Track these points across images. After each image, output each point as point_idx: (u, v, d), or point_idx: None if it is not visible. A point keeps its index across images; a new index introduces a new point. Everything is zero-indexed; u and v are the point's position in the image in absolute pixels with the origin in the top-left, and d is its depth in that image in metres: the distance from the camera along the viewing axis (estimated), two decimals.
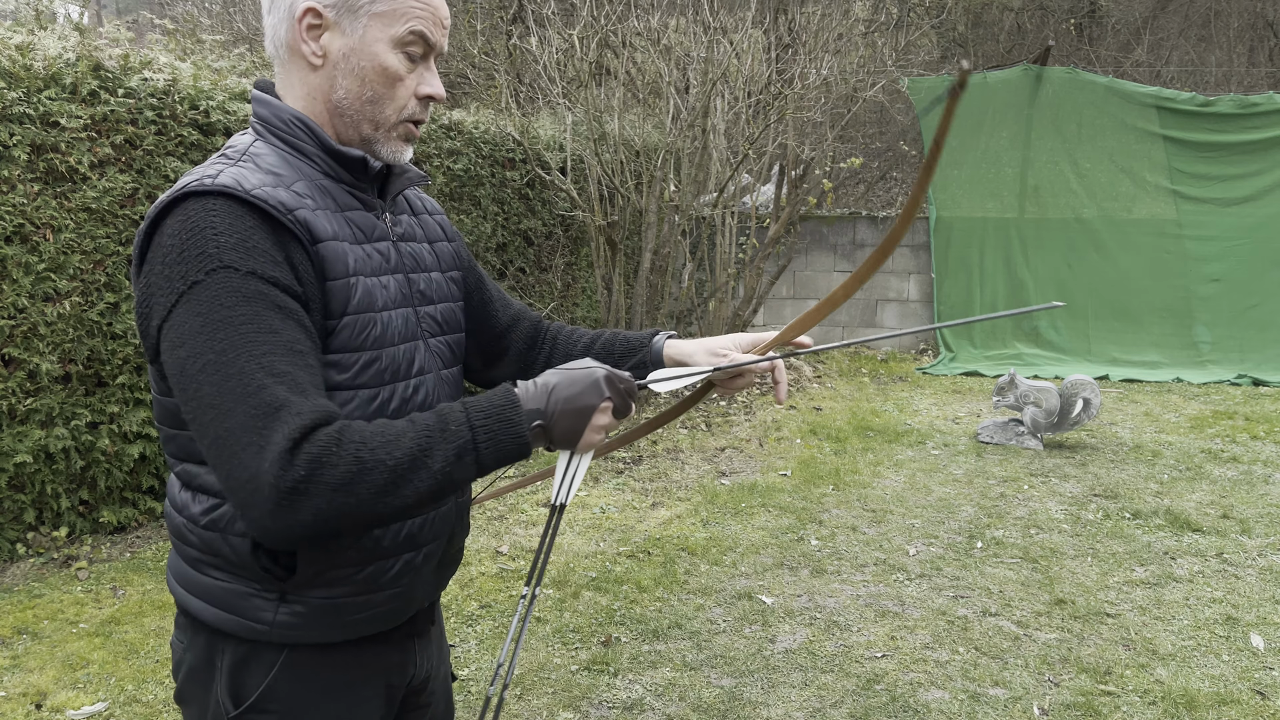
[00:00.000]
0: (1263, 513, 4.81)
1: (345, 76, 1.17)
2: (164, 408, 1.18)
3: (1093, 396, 5.92)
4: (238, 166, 1.13)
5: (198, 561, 1.20)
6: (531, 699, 3.03)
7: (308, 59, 1.17)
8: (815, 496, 5.11)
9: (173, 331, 1.05)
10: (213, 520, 1.16)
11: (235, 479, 1.01)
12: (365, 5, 1.15)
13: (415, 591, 1.29)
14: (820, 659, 3.29)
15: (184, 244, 1.05)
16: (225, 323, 1.03)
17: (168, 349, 1.06)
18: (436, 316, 1.33)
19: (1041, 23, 13.98)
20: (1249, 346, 8.93)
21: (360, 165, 1.21)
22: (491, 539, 4.47)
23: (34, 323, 3.92)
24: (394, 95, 1.20)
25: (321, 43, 1.17)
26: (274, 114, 1.19)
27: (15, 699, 2.99)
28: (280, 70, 1.22)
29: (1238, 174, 9.09)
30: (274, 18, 1.19)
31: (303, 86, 1.20)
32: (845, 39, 8.44)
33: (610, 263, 7.07)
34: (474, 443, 1.08)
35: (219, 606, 1.19)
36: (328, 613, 1.20)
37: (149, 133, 4.25)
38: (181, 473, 1.20)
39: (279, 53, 1.20)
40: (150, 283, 1.08)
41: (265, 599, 1.18)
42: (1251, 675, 3.16)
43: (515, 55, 8.57)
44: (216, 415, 1.01)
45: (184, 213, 1.07)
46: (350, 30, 1.16)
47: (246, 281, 1.05)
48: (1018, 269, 9.71)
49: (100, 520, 4.29)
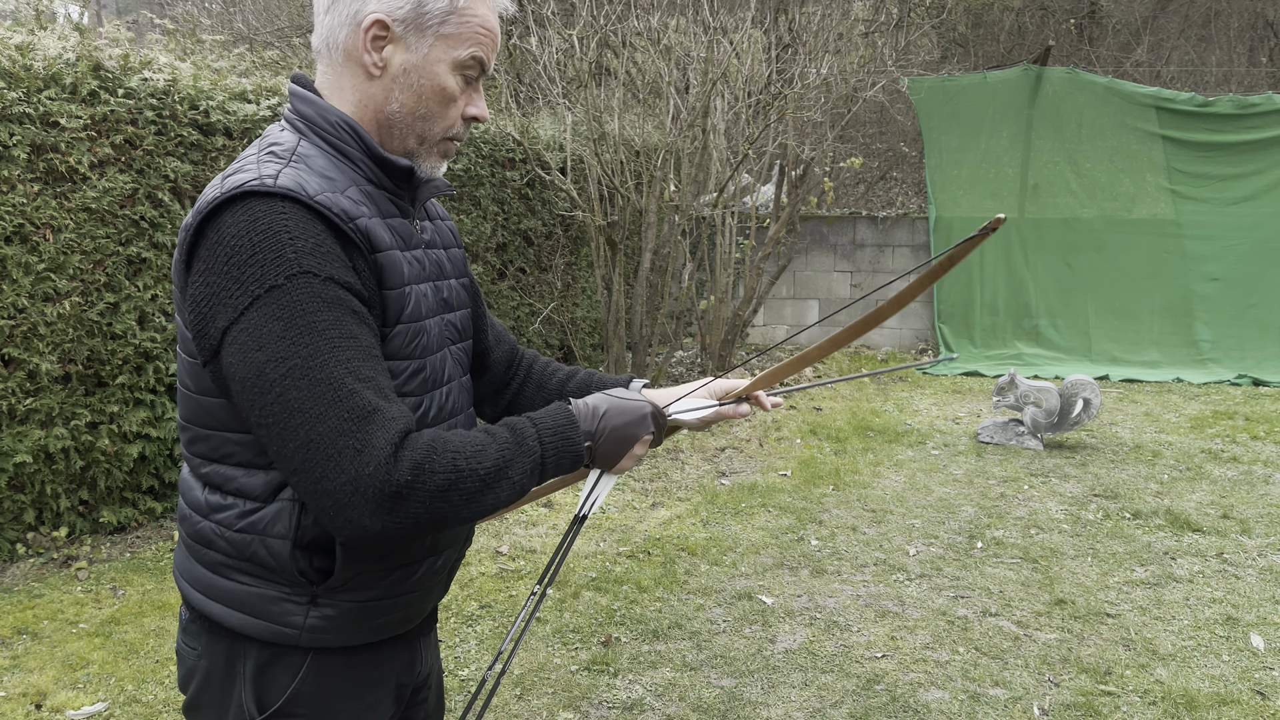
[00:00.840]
0: (1263, 513, 4.81)
1: (402, 91, 1.18)
2: (200, 407, 1.16)
3: (1093, 396, 5.92)
4: (292, 168, 1.11)
5: (222, 566, 1.19)
6: (531, 699, 3.03)
7: (366, 68, 1.17)
8: (815, 496, 5.11)
9: (246, 335, 1.04)
10: (251, 523, 1.15)
11: (331, 482, 1.02)
12: (434, 25, 1.16)
13: (433, 594, 1.32)
14: (820, 659, 3.29)
15: (255, 245, 1.04)
16: (310, 328, 1.03)
17: (238, 351, 1.05)
18: (457, 323, 1.34)
19: (1042, 23, 13.98)
20: (1249, 346, 8.93)
21: (405, 174, 1.22)
22: (491, 539, 4.47)
23: (34, 323, 3.92)
24: (445, 114, 1.21)
25: (384, 54, 1.16)
26: (319, 114, 1.18)
27: (15, 699, 2.99)
28: (327, 69, 1.20)
29: (1237, 174, 9.09)
30: (333, 18, 1.17)
31: (354, 92, 1.19)
32: (845, 39, 8.44)
33: (610, 263, 7.07)
34: (542, 458, 1.17)
35: (245, 611, 1.18)
36: (356, 615, 1.20)
37: (149, 133, 4.25)
38: (212, 474, 1.18)
39: (331, 54, 1.19)
40: (212, 282, 1.06)
41: (296, 603, 1.17)
42: (1251, 675, 3.16)
43: (515, 55, 8.57)
44: (306, 420, 1.02)
45: (249, 212, 1.06)
46: (415, 47, 1.16)
47: (326, 287, 1.05)
48: (1018, 268, 9.71)
49: (100, 520, 4.29)
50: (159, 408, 4.40)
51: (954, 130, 9.78)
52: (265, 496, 1.14)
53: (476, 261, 6.56)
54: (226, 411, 1.13)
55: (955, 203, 9.84)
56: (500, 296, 6.90)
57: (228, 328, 1.05)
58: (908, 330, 10.25)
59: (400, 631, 1.30)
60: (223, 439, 1.15)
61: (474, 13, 1.18)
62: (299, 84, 1.22)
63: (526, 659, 3.28)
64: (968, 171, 9.79)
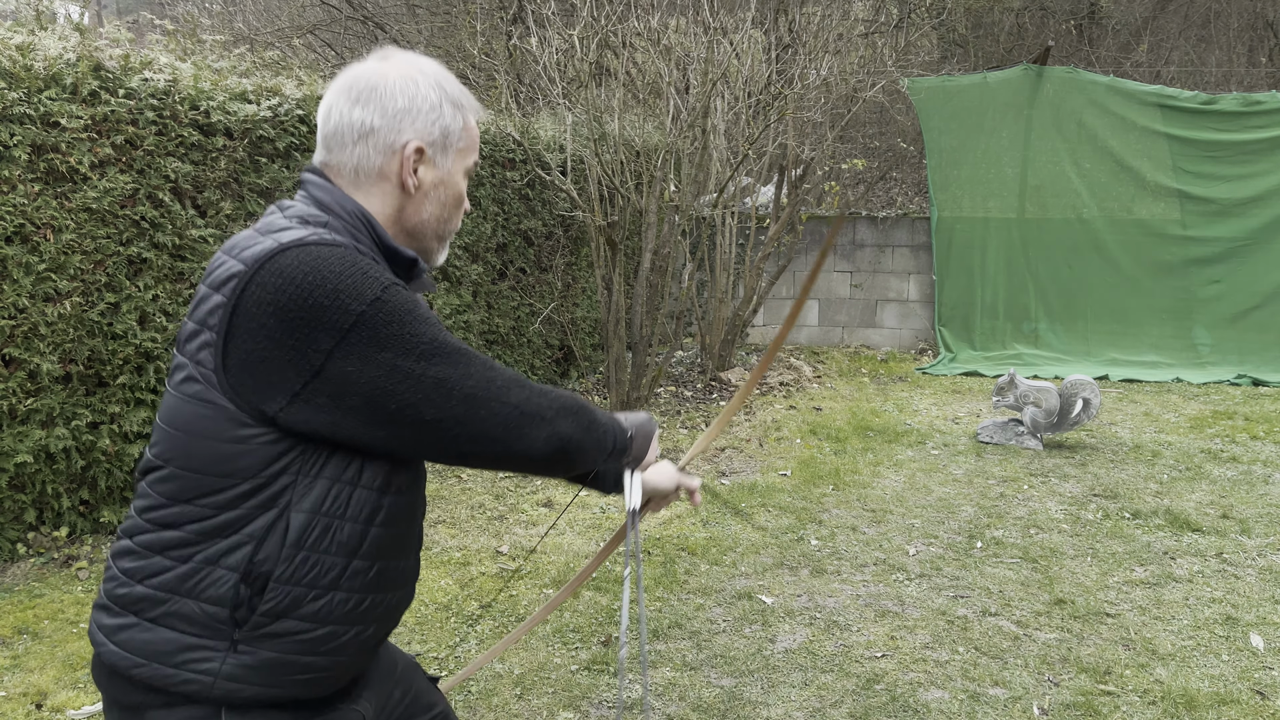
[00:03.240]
0: (1262, 513, 4.81)
1: (433, 203, 1.37)
2: (184, 446, 1.23)
3: (1092, 396, 5.92)
4: (329, 231, 1.25)
5: (147, 604, 1.23)
6: (531, 699, 3.03)
7: (406, 188, 1.33)
8: (815, 496, 5.12)
9: (360, 344, 1.17)
10: (206, 556, 1.21)
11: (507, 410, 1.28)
12: (454, 144, 1.36)
13: (354, 662, 1.33)
14: (820, 659, 3.29)
15: (338, 274, 1.17)
16: (423, 319, 1.21)
17: (356, 360, 1.17)
18: None
19: (1042, 23, 13.98)
20: (1248, 349, 8.92)
21: (409, 264, 1.34)
22: (491, 539, 4.47)
23: (34, 323, 3.92)
24: (457, 215, 1.42)
25: (419, 175, 1.34)
26: (336, 202, 1.30)
27: (15, 699, 3.00)
28: (347, 185, 1.33)
29: (1242, 174, 9.05)
30: (366, 147, 1.31)
31: (382, 205, 1.34)
32: (845, 39, 8.44)
33: (610, 263, 7.07)
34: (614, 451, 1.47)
35: (158, 660, 1.22)
36: (274, 667, 1.24)
37: (149, 133, 4.25)
38: (174, 514, 1.23)
39: (359, 176, 1.32)
40: (291, 317, 1.15)
41: (214, 649, 1.21)
42: (1251, 675, 3.17)
43: (515, 55, 8.57)
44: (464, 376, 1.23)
45: (313, 254, 1.18)
46: (441, 165, 1.36)
47: (410, 293, 1.24)
48: (1018, 270, 9.71)
49: (101, 520, 4.29)
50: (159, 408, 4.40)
51: (954, 130, 9.77)
52: (223, 533, 1.21)
53: (477, 261, 6.57)
54: (213, 453, 1.20)
55: (956, 203, 9.84)
56: (500, 296, 6.90)
57: (332, 350, 1.16)
58: (908, 331, 10.25)
59: (320, 694, 1.31)
60: (196, 479, 1.22)
61: (473, 126, 1.40)
62: (315, 174, 1.34)
63: (526, 659, 3.28)
64: (968, 172, 9.79)
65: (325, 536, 1.23)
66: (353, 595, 1.28)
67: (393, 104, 1.30)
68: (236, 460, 1.20)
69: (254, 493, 1.20)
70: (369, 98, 1.30)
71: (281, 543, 1.21)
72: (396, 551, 1.34)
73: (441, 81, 1.34)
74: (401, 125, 1.30)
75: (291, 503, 1.21)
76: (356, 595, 1.28)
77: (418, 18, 11.93)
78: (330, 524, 1.23)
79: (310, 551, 1.22)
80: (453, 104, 1.35)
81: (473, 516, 4.81)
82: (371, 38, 11.23)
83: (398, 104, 1.30)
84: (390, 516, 1.30)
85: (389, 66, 1.32)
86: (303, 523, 1.21)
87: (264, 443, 1.19)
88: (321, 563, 1.23)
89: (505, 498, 5.12)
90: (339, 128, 1.31)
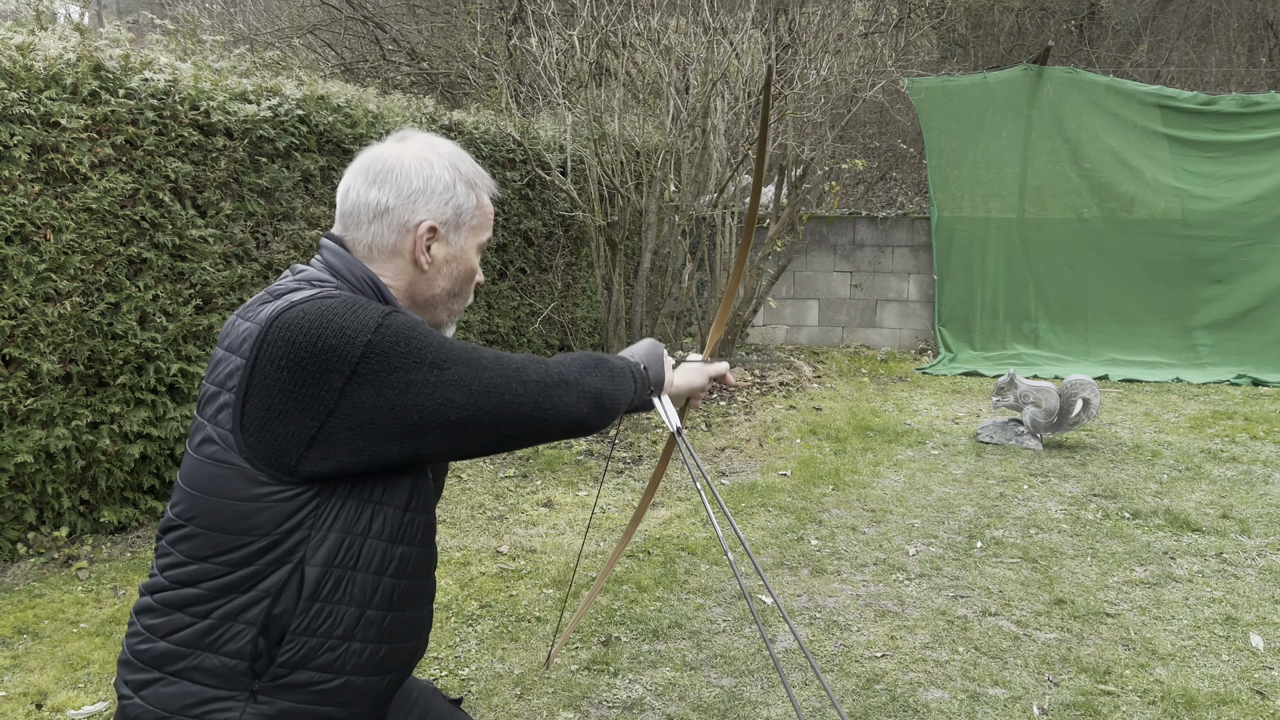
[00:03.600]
0: (1262, 513, 4.81)
1: (445, 279, 1.41)
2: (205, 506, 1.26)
3: (1092, 397, 5.92)
4: (339, 292, 1.30)
5: (168, 658, 1.26)
6: (531, 699, 3.03)
7: (419, 264, 1.38)
8: (815, 496, 5.12)
9: (375, 370, 1.20)
10: (224, 611, 1.24)
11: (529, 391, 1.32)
12: (467, 222, 1.41)
13: (372, 713, 1.36)
14: (820, 659, 3.29)
15: (339, 312, 1.22)
16: (427, 333, 1.25)
17: (370, 387, 1.20)
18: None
19: (1042, 24, 13.98)
20: (1248, 349, 8.92)
21: None
22: (491, 539, 4.47)
23: (35, 323, 3.92)
24: (469, 290, 1.47)
25: (432, 252, 1.38)
26: (348, 268, 1.35)
27: (15, 699, 3.00)
28: (364, 258, 1.38)
29: (1242, 174, 9.06)
30: (381, 226, 1.36)
31: (394, 279, 1.38)
32: (845, 39, 8.44)
33: (610, 263, 7.07)
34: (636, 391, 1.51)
35: (183, 714, 1.25)
36: (290, 717, 1.27)
37: (150, 133, 4.25)
38: (193, 572, 1.26)
39: (373, 252, 1.38)
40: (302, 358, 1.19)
41: (235, 700, 1.25)
42: (1251, 675, 3.17)
43: (515, 56, 8.57)
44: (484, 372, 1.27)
45: (318, 304, 1.24)
46: (454, 242, 1.40)
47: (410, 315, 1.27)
48: (1018, 269, 9.71)
49: (101, 520, 4.30)
50: (160, 408, 4.41)
51: (954, 130, 9.77)
52: (240, 589, 1.24)
53: None
54: (232, 511, 1.23)
55: (956, 203, 9.84)
56: (500, 296, 6.91)
57: (343, 386, 1.19)
58: (908, 331, 10.25)
59: None
60: (214, 538, 1.25)
61: (486, 204, 1.44)
62: (333, 241, 1.39)
63: (526, 659, 3.28)
64: (968, 172, 9.79)
65: (339, 588, 1.27)
66: (368, 645, 1.31)
67: (407, 185, 1.35)
68: (253, 518, 1.23)
69: (269, 549, 1.24)
70: (385, 179, 1.35)
71: (298, 596, 1.24)
72: (409, 602, 1.37)
73: (456, 162, 1.39)
74: (416, 205, 1.35)
75: (306, 557, 1.24)
76: (371, 645, 1.31)
77: (418, 18, 11.93)
78: (344, 575, 1.27)
79: (325, 603, 1.25)
80: (466, 183, 1.40)
81: (473, 516, 4.81)
82: (371, 38, 11.23)
83: (412, 185, 1.35)
84: (401, 568, 1.33)
85: (405, 148, 1.38)
86: (317, 575, 1.25)
87: (279, 500, 1.23)
88: (336, 613, 1.26)
89: (505, 498, 5.12)
90: (355, 207, 1.36)
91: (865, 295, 10.33)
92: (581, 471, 5.60)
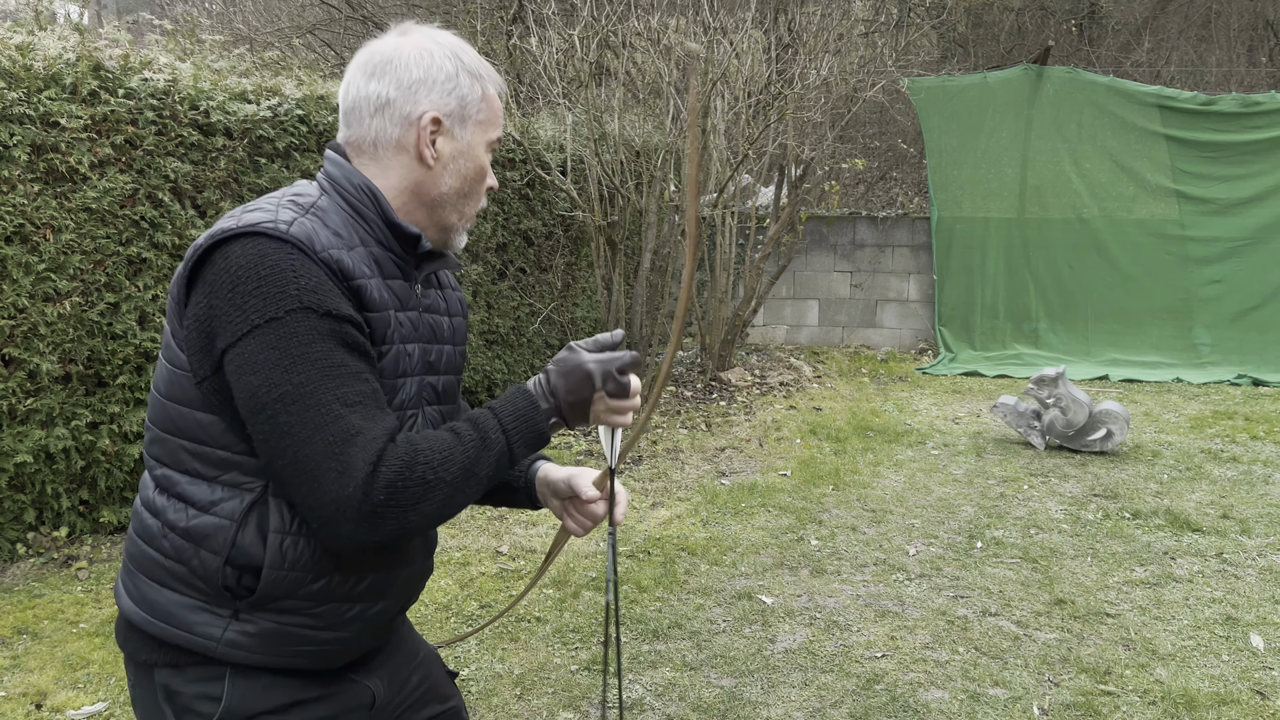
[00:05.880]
0: (1263, 513, 4.81)
1: (451, 176, 1.34)
2: (164, 412, 1.25)
3: (1118, 432, 5.84)
4: (308, 218, 1.22)
5: (156, 567, 1.25)
6: (531, 699, 3.03)
7: (424, 160, 1.31)
8: (815, 496, 5.11)
9: (242, 359, 1.14)
10: (188, 530, 1.22)
11: (318, 500, 1.13)
12: (473, 115, 1.34)
13: (361, 638, 1.33)
14: (820, 659, 3.29)
15: (260, 279, 1.15)
16: (303, 359, 1.14)
17: (234, 373, 1.15)
18: (438, 386, 1.42)
19: (1042, 23, 13.99)
20: (1249, 349, 8.92)
21: (413, 241, 1.33)
22: (491, 539, 4.47)
23: (34, 323, 3.92)
24: (479, 191, 1.39)
25: (437, 146, 1.31)
26: (345, 176, 1.30)
27: (15, 699, 3.00)
28: (367, 160, 1.32)
29: (1241, 174, 9.06)
30: (382, 119, 1.30)
31: (400, 179, 1.32)
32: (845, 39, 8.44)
33: (610, 263, 7.07)
34: (509, 445, 1.26)
35: (167, 621, 1.24)
36: (276, 637, 1.24)
37: (149, 133, 4.25)
38: (163, 477, 1.26)
39: (378, 149, 1.31)
40: (215, 305, 1.16)
41: (217, 614, 1.23)
42: (1251, 675, 3.16)
43: (515, 55, 8.57)
44: (294, 442, 1.13)
45: (258, 248, 1.16)
46: (460, 136, 1.33)
47: (322, 322, 1.16)
48: (1019, 269, 9.70)
49: (100, 520, 4.29)
50: None
51: (954, 130, 9.77)
52: (205, 508, 1.21)
53: (476, 261, 6.57)
54: (189, 420, 1.22)
55: (956, 203, 9.84)
56: (500, 296, 6.90)
57: (226, 350, 1.15)
58: (908, 331, 10.25)
59: (324, 666, 1.31)
60: (177, 445, 1.24)
61: (494, 98, 1.38)
62: (335, 151, 1.34)
63: (526, 659, 3.28)
64: (968, 172, 9.79)
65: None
66: (351, 575, 1.27)
67: (408, 75, 1.29)
68: (209, 429, 1.21)
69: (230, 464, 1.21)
70: (384, 70, 1.30)
71: (263, 528, 1.20)
72: None
73: (458, 52, 1.33)
74: (417, 96, 1.29)
75: (271, 487, 1.21)
76: (355, 575, 1.27)
77: (417, 17, 11.92)
78: None
79: (297, 536, 1.21)
80: (470, 74, 1.32)
81: (472, 516, 4.81)
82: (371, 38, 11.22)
83: (413, 75, 1.29)
84: None
85: (405, 40, 1.32)
86: (281, 506, 1.21)
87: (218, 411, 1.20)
88: (312, 545, 1.22)
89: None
90: (356, 102, 1.31)
91: (865, 295, 10.32)
92: None
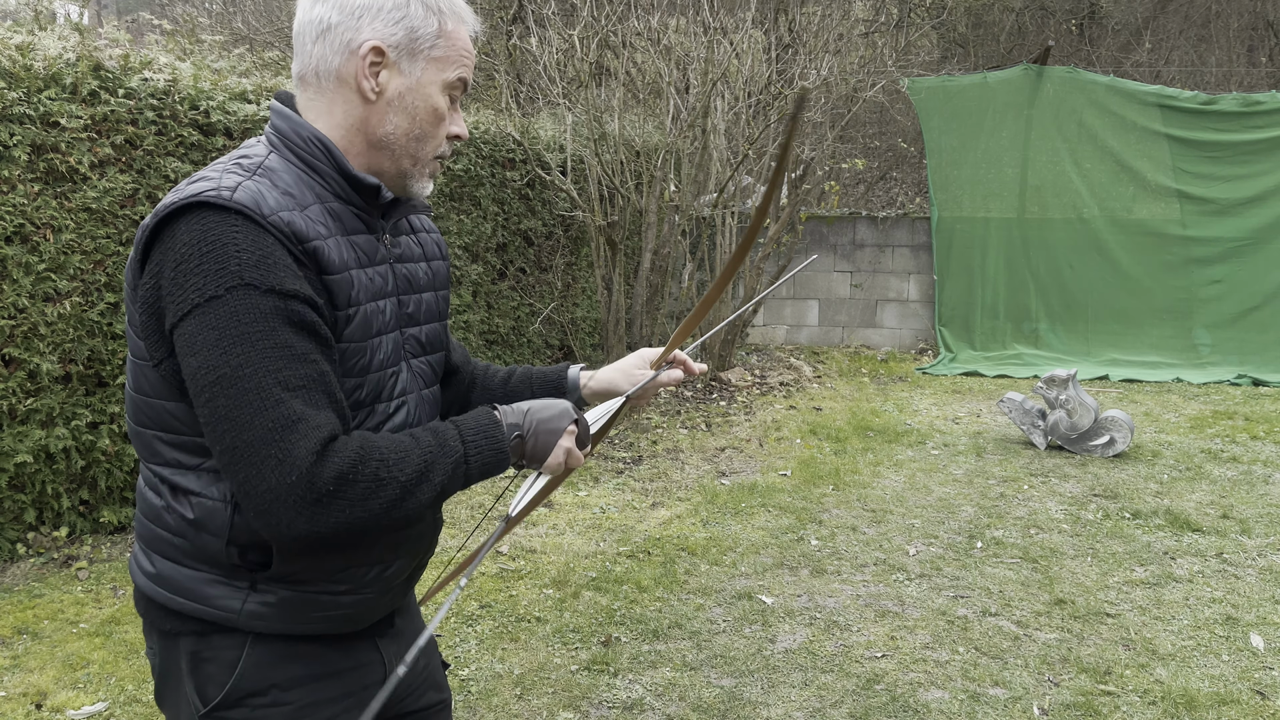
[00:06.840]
0: (1263, 513, 4.81)
1: (397, 114, 1.23)
2: (136, 405, 1.23)
3: (1121, 441, 5.84)
4: (254, 180, 1.16)
5: (167, 545, 1.23)
6: (531, 699, 3.03)
7: (364, 93, 1.22)
8: (815, 496, 5.11)
9: (184, 340, 1.10)
10: (184, 517, 1.21)
11: (256, 489, 1.08)
12: (425, 50, 1.23)
13: (381, 599, 1.33)
14: (820, 659, 3.29)
15: (202, 255, 1.09)
16: (242, 338, 1.08)
17: (180, 353, 1.12)
18: (421, 337, 1.37)
19: (1042, 23, 13.99)
20: (1248, 349, 8.91)
21: (373, 192, 1.25)
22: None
23: (34, 323, 3.92)
24: (436, 134, 1.27)
25: (380, 80, 1.22)
26: (294, 129, 1.22)
27: (15, 699, 3.00)
28: (315, 96, 1.25)
29: (1242, 174, 9.05)
30: (323, 47, 1.22)
31: (345, 117, 1.23)
32: (845, 39, 8.44)
33: (610, 263, 7.07)
34: (465, 457, 1.21)
35: (185, 596, 1.23)
36: (296, 604, 1.23)
37: (149, 133, 4.25)
38: (148, 469, 1.26)
39: (320, 81, 1.23)
40: (161, 284, 1.12)
41: (235, 587, 1.22)
42: (1251, 675, 3.16)
43: (515, 55, 8.57)
44: (232, 427, 1.08)
45: (201, 222, 1.10)
46: (408, 71, 1.23)
47: (265, 299, 1.09)
48: (1019, 269, 9.70)
49: (100, 520, 4.29)
50: None
51: (954, 130, 9.77)
52: (195, 495, 1.20)
53: (476, 261, 6.57)
54: (158, 410, 1.20)
55: (956, 203, 9.84)
56: (500, 296, 6.90)
57: (171, 331, 1.11)
58: (908, 330, 10.25)
59: (346, 630, 1.30)
60: (153, 437, 1.22)
61: (458, 36, 1.26)
62: (281, 101, 1.26)
63: (526, 659, 3.28)
64: (968, 172, 9.78)
65: None
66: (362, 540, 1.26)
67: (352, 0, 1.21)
68: (180, 415, 1.19)
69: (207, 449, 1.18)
70: None
71: None
72: None
73: None
74: (360, 24, 1.20)
75: None
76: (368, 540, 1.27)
77: None
78: None
79: None
80: (425, 5, 1.22)
81: (472, 517, 4.81)
82: None
83: (357, 0, 1.21)
84: None
85: None
86: None
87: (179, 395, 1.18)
88: None
89: (506, 499, 5.11)
90: (301, 27, 1.24)
91: (865, 295, 10.32)
92: (581, 472, 5.59)
